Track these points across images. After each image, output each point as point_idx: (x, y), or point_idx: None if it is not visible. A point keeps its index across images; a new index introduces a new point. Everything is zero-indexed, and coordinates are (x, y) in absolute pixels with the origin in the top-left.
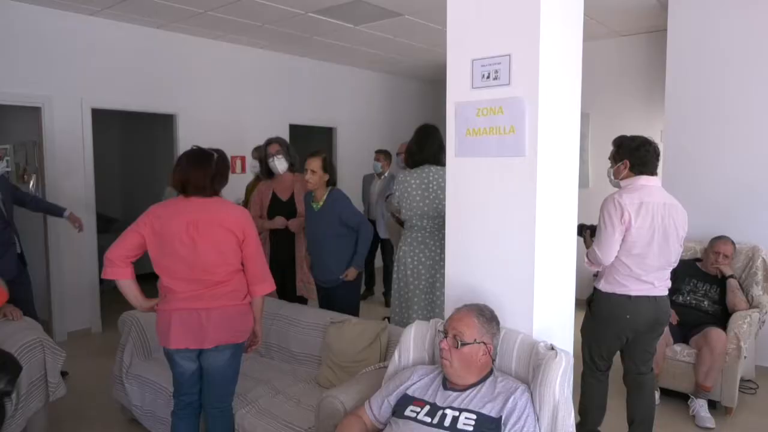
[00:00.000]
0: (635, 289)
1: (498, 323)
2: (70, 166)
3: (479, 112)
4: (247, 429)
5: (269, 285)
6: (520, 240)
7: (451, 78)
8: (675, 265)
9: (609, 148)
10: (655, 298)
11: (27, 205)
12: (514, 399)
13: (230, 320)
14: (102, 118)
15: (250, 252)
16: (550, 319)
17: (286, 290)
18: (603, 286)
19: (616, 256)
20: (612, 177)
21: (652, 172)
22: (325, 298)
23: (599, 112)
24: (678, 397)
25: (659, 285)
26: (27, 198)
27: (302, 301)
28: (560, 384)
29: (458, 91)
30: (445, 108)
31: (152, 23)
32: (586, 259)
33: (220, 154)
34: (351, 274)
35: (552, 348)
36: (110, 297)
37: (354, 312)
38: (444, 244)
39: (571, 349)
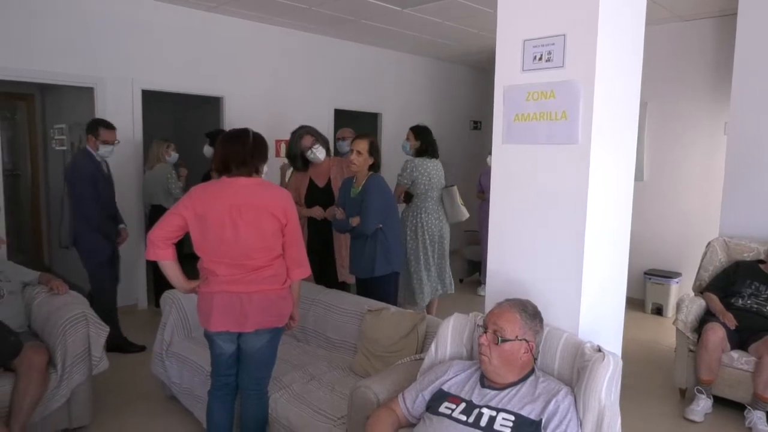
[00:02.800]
0: None
1: (541, 320)
2: (121, 146)
3: (529, 96)
4: (279, 413)
5: (306, 270)
6: (569, 233)
7: (500, 60)
8: None
9: (667, 139)
10: None
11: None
12: (556, 402)
13: (270, 304)
14: (153, 99)
15: (290, 236)
16: (598, 319)
17: (323, 276)
18: None
19: None
20: None
21: None
22: (362, 289)
23: (658, 101)
24: (733, 407)
25: None
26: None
27: (344, 287)
28: (607, 389)
29: (507, 73)
30: (492, 94)
31: (202, 5)
32: None
33: (256, 132)
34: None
35: (599, 349)
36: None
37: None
38: (442, 206)
39: (619, 352)
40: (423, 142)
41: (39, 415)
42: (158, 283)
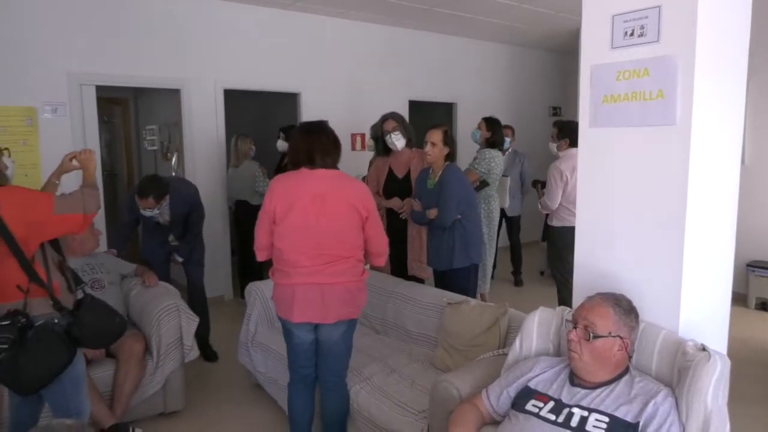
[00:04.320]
0: (575, 222)
1: (637, 316)
2: (206, 144)
3: (619, 76)
4: (361, 405)
5: (384, 260)
6: (668, 221)
7: (586, 38)
8: None
9: None
10: None
11: (187, 225)
12: (655, 404)
13: (351, 296)
14: (232, 97)
15: (373, 229)
16: (701, 315)
17: (402, 269)
18: (555, 222)
19: (560, 203)
20: (555, 150)
21: None
22: (439, 282)
23: (761, 76)
24: None
25: None
26: (190, 224)
27: (416, 281)
28: (713, 391)
29: (595, 52)
30: (573, 79)
31: (278, 3)
32: (539, 206)
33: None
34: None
35: (703, 348)
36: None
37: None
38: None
39: (724, 350)
40: (494, 133)
41: (138, 400)
42: (243, 275)
